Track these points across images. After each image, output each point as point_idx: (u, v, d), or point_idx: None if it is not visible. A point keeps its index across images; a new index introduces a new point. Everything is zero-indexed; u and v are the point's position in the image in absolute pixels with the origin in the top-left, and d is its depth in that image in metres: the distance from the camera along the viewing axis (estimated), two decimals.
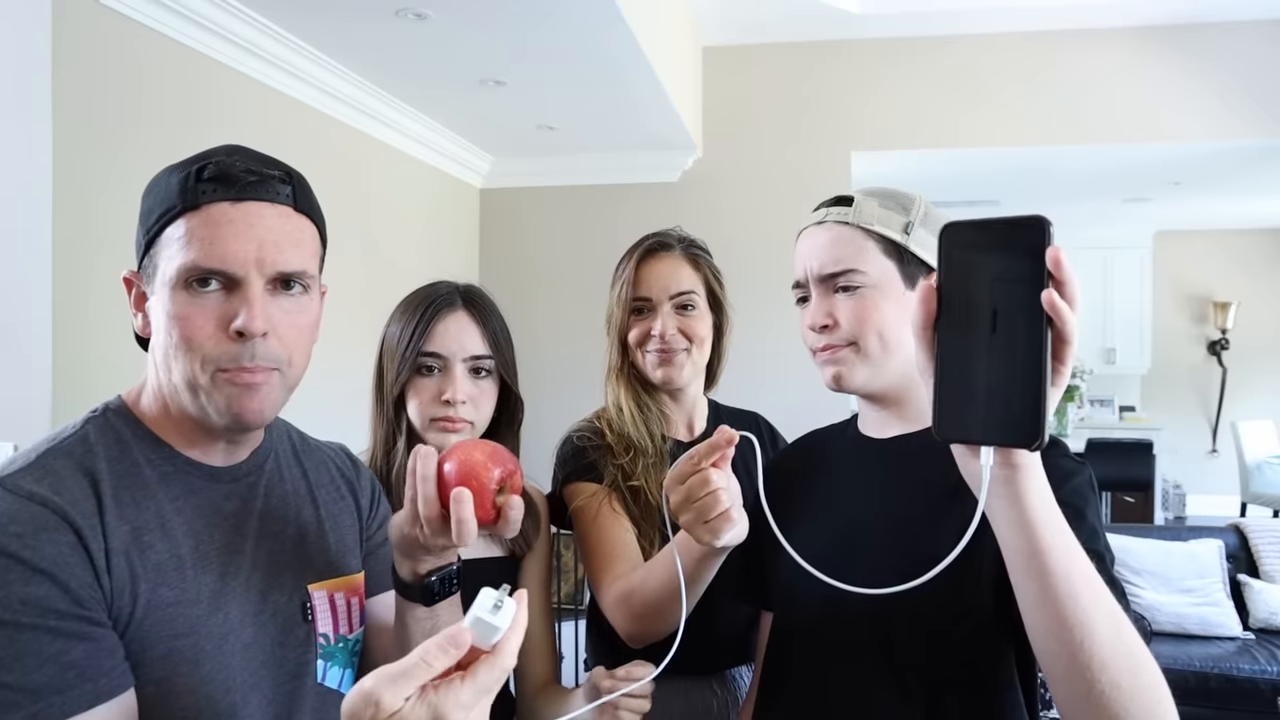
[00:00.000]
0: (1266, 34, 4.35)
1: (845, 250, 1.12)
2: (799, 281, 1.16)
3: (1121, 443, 6.40)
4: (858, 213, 1.13)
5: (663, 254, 1.60)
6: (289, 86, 3.20)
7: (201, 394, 0.88)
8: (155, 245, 0.89)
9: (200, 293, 0.87)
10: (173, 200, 0.88)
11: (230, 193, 0.88)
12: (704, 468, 0.98)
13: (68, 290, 2.22)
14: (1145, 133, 4.47)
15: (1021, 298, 0.64)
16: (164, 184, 0.90)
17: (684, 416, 1.65)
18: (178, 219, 0.87)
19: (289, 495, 1.02)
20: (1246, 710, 3.46)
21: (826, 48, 4.63)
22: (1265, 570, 3.98)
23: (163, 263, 0.88)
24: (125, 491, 0.87)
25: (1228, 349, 8.17)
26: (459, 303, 1.45)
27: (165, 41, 2.60)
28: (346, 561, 1.04)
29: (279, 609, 0.95)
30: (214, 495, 0.94)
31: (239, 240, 0.87)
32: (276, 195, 0.91)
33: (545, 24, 2.97)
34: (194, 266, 0.86)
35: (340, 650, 0.99)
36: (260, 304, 0.88)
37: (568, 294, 4.74)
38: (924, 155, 4.75)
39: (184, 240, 0.86)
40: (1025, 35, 4.48)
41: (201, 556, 0.90)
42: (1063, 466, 0.97)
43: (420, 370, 1.41)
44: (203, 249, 0.86)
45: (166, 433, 0.92)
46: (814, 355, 1.16)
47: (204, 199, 0.87)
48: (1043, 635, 0.77)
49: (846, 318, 1.11)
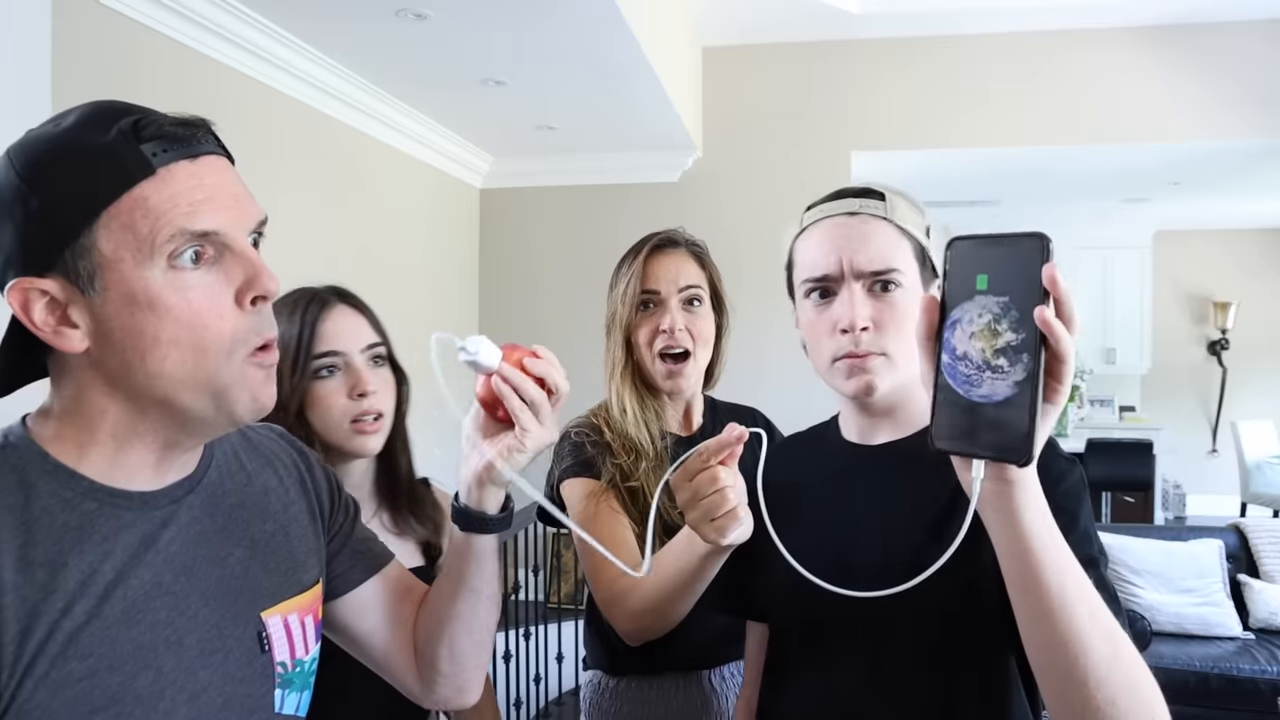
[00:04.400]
0: (1266, 34, 4.35)
1: (889, 248, 1.04)
2: (827, 274, 1.05)
3: (1121, 443, 6.40)
4: (893, 209, 1.06)
5: (670, 250, 1.61)
6: (289, 86, 3.21)
7: (222, 388, 0.76)
8: (93, 233, 0.72)
9: (192, 268, 0.74)
10: (113, 173, 0.72)
11: (184, 150, 0.75)
12: (712, 465, 0.95)
13: None
14: (1145, 133, 4.48)
15: (1018, 313, 0.65)
16: (79, 160, 0.73)
17: (682, 412, 1.65)
18: (126, 192, 0.72)
19: (235, 510, 0.88)
20: (1247, 710, 3.47)
21: (827, 48, 4.63)
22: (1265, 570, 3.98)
23: (120, 247, 0.72)
24: (33, 550, 0.72)
25: (1227, 349, 8.17)
26: (334, 299, 1.37)
27: (165, 41, 2.60)
28: (301, 575, 0.93)
29: (235, 644, 0.84)
30: (148, 526, 0.79)
31: (221, 196, 0.76)
32: (215, 146, 0.79)
33: (545, 24, 2.97)
34: (187, 233, 0.73)
35: (298, 675, 0.91)
36: (259, 258, 0.78)
37: (568, 294, 4.74)
38: (924, 155, 4.75)
39: (152, 213, 0.72)
40: (1025, 35, 4.48)
41: (129, 608, 0.76)
42: (1055, 466, 0.96)
43: (319, 374, 1.31)
44: (180, 214, 0.73)
45: (84, 462, 0.77)
46: (829, 361, 1.06)
47: (160, 161, 0.73)
48: (1038, 650, 0.76)
49: (888, 321, 1.03)
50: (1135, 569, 3.92)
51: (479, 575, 0.97)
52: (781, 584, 1.07)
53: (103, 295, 0.73)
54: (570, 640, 3.85)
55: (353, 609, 1.00)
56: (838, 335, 1.04)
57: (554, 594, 4.43)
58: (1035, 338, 0.64)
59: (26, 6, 2.20)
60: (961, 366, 0.67)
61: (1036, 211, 7.11)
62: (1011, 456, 0.68)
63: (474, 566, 0.96)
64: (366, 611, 1.01)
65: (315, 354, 1.31)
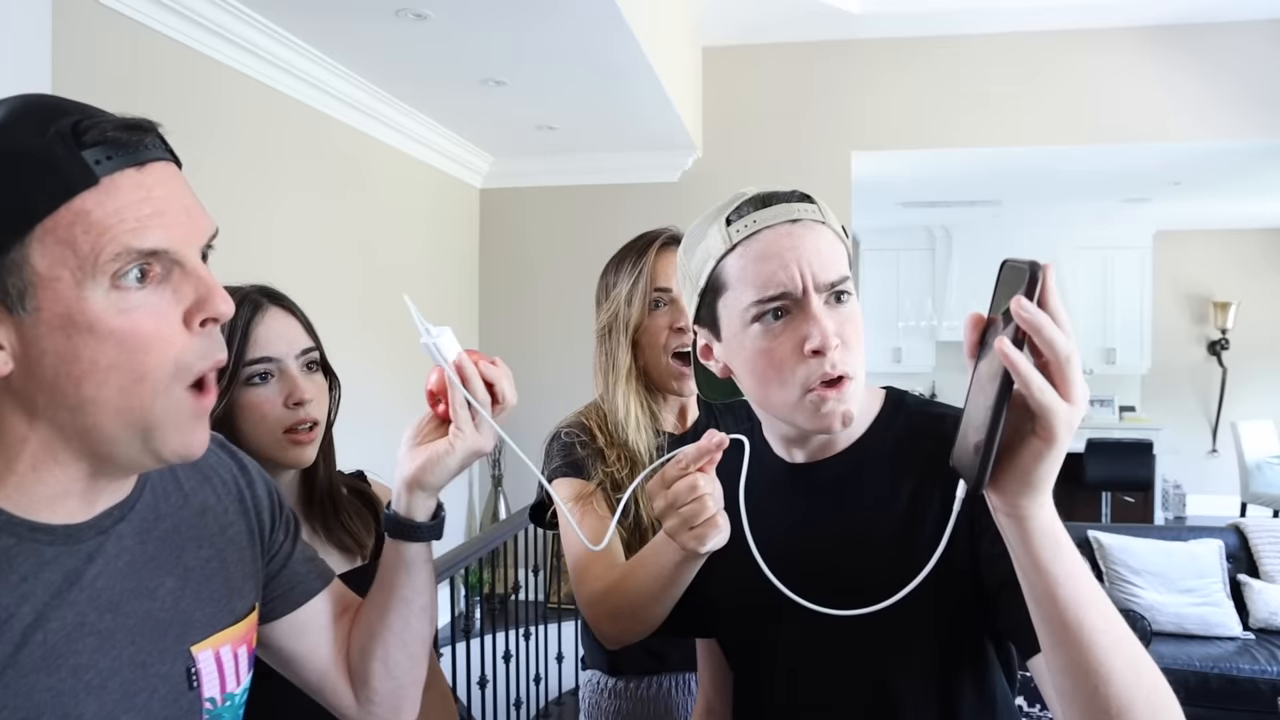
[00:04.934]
0: (1266, 34, 4.35)
1: (837, 255, 0.95)
2: (786, 291, 0.92)
3: (1121, 443, 6.40)
4: (825, 213, 0.98)
5: (675, 248, 1.55)
6: (289, 86, 3.21)
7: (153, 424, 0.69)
8: (24, 247, 0.64)
9: (138, 288, 0.67)
10: (50, 182, 0.64)
11: (129, 157, 0.67)
12: (690, 472, 0.92)
13: None
14: (1145, 132, 4.48)
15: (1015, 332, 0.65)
16: (12, 162, 0.65)
17: (677, 408, 1.63)
18: (65, 204, 0.64)
19: (169, 536, 0.81)
20: (1246, 710, 3.47)
21: (826, 48, 4.63)
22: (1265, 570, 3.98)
23: (57, 264, 0.64)
24: None
25: (1227, 349, 8.17)
26: (265, 302, 1.27)
27: (165, 41, 2.60)
28: (235, 604, 0.86)
29: (159, 682, 0.77)
30: (72, 562, 0.72)
31: (170, 210, 0.68)
32: (163, 151, 0.71)
33: (545, 24, 2.97)
34: (134, 251, 0.65)
35: (227, 710, 0.84)
36: (211, 276, 0.71)
37: (567, 294, 4.75)
38: (924, 155, 4.75)
39: (97, 227, 0.65)
40: (1025, 35, 4.49)
41: (48, 654, 0.69)
42: None
43: (250, 381, 1.23)
44: (129, 231, 0.65)
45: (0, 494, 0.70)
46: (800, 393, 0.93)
47: (104, 170, 0.65)
48: (1059, 675, 0.75)
49: (849, 335, 0.94)
50: (1135, 569, 3.92)
51: (409, 585, 0.94)
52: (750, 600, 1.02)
53: (34, 315, 0.65)
54: (570, 640, 3.85)
55: (290, 630, 0.95)
56: (808, 360, 0.91)
57: (554, 594, 4.43)
58: (1001, 366, 0.64)
59: (27, 6, 2.20)
60: (974, 388, 0.69)
61: (1037, 211, 7.12)
62: (969, 479, 0.69)
63: (404, 575, 0.94)
64: (304, 633, 0.96)
65: (247, 360, 1.22)
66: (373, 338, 3.69)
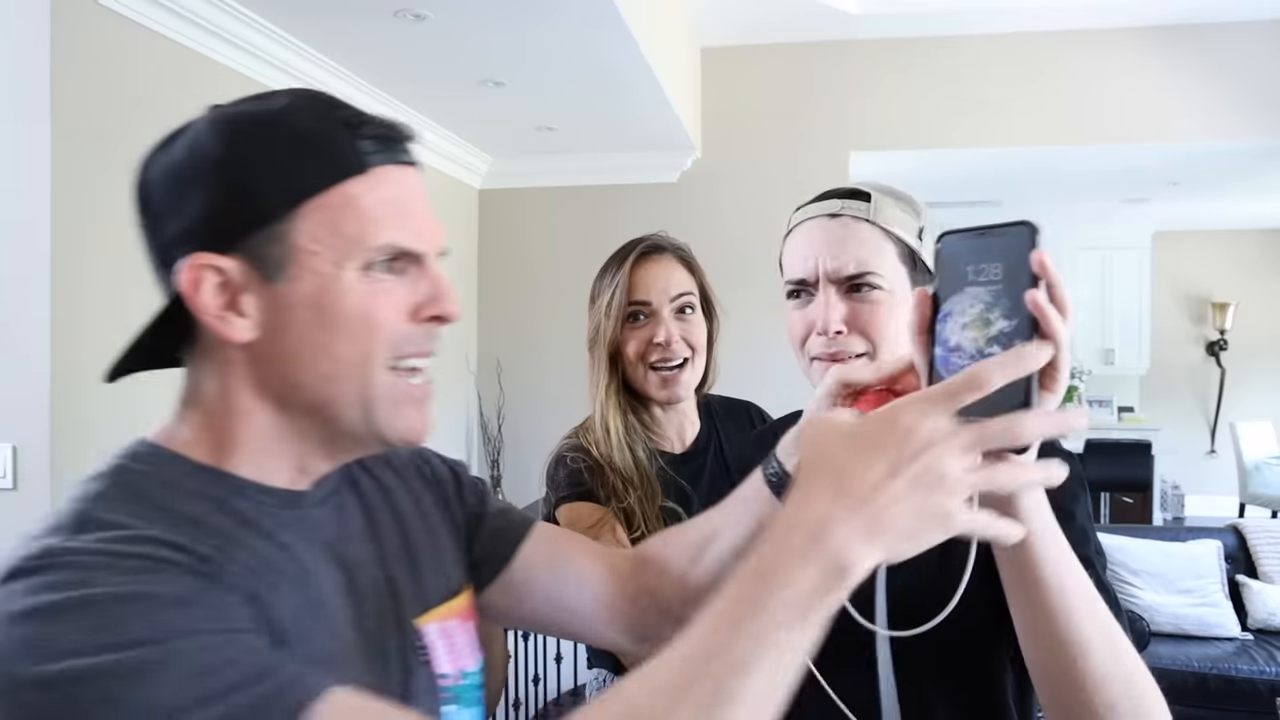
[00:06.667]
0: (1265, 34, 4.36)
1: (867, 251, 1.01)
2: (803, 279, 1.04)
3: (1120, 443, 6.40)
4: (877, 211, 1.03)
5: (657, 256, 1.53)
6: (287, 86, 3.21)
7: (373, 400, 0.70)
8: (293, 220, 0.67)
9: (381, 276, 0.69)
10: (325, 162, 0.68)
11: (393, 154, 0.72)
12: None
13: (66, 291, 2.22)
14: (1144, 133, 4.48)
15: (1009, 300, 0.64)
16: (290, 140, 0.69)
17: (674, 427, 1.59)
18: (337, 185, 0.68)
19: (375, 510, 0.82)
20: (1245, 711, 3.46)
21: (825, 48, 4.63)
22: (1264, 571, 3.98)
23: (319, 241, 0.67)
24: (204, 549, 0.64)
25: (1226, 349, 8.17)
26: None
27: (164, 42, 2.60)
28: (450, 578, 0.85)
29: (393, 657, 0.76)
30: (302, 527, 0.73)
31: (420, 212, 0.72)
32: (414, 159, 0.75)
33: (544, 25, 2.97)
34: (394, 247, 0.69)
35: (466, 688, 0.82)
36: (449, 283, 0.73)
37: (566, 295, 4.74)
38: (923, 156, 4.75)
39: (359, 214, 0.68)
40: (1024, 36, 4.48)
41: (311, 609, 0.69)
42: None
43: None
44: (391, 224, 0.69)
45: (232, 460, 0.71)
46: (808, 361, 1.04)
47: (373, 161, 0.70)
48: (1035, 649, 0.75)
49: (863, 325, 1.01)
50: (1134, 569, 3.92)
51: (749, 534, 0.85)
52: None
53: (288, 286, 0.68)
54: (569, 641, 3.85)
55: (515, 583, 0.90)
56: (815, 336, 1.03)
57: None
58: (1028, 322, 0.63)
59: (25, 7, 2.20)
60: (955, 358, 0.67)
61: (1037, 211, 7.10)
62: None
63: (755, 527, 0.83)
64: (529, 584, 0.91)
65: None
66: None
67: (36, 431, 2.16)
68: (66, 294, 2.22)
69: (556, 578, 0.91)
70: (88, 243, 2.29)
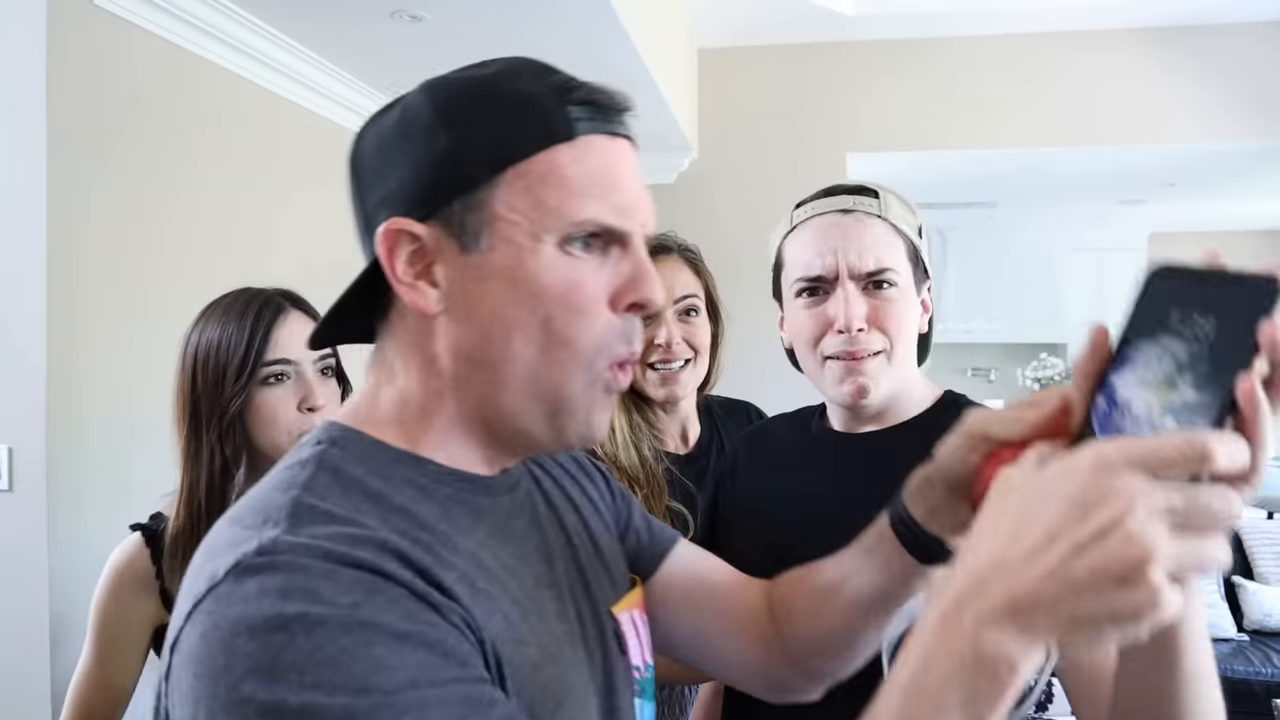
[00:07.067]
0: (1262, 36, 4.36)
1: (885, 248, 1.01)
2: (821, 275, 1.01)
3: None
4: (887, 207, 1.03)
5: (663, 257, 1.53)
6: (283, 88, 3.20)
7: (566, 398, 0.65)
8: (493, 188, 0.63)
9: (583, 254, 0.64)
10: (531, 127, 0.63)
11: (605, 123, 0.67)
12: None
13: (61, 292, 2.21)
14: (1140, 134, 4.48)
15: (1210, 370, 0.51)
16: (497, 104, 0.64)
17: (677, 427, 1.59)
18: (540, 152, 0.63)
19: (554, 497, 0.80)
20: (1241, 712, 3.47)
21: (822, 49, 4.64)
22: (1260, 572, 3.99)
23: (517, 210, 0.63)
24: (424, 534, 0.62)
25: None
26: (288, 305, 1.31)
27: (159, 43, 2.59)
28: (624, 571, 0.82)
29: (595, 648, 0.73)
30: (500, 514, 0.70)
31: (629, 188, 0.66)
32: (630, 131, 0.70)
33: (540, 26, 2.97)
34: (597, 224, 0.64)
35: (648, 682, 0.79)
36: (651, 266, 0.68)
37: None
38: (920, 157, 4.75)
39: (561, 185, 0.63)
40: (1020, 37, 4.49)
41: (529, 598, 0.67)
42: None
43: (266, 382, 1.25)
44: (595, 197, 0.64)
45: (425, 445, 0.68)
46: (820, 360, 1.02)
47: (581, 129, 0.65)
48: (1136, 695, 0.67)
49: (883, 322, 1.00)
50: None
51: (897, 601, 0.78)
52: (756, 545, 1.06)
53: (484, 255, 0.63)
54: None
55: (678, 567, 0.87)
56: (833, 335, 1.01)
57: None
58: (1222, 404, 0.49)
59: (20, 8, 2.20)
60: (1117, 416, 0.53)
61: (1032, 213, 7.13)
62: None
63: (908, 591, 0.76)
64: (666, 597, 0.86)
65: (266, 361, 1.25)
66: None
67: (32, 432, 2.15)
68: (62, 294, 2.21)
69: (694, 605, 0.86)
70: (84, 243, 2.28)
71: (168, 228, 2.57)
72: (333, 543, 0.56)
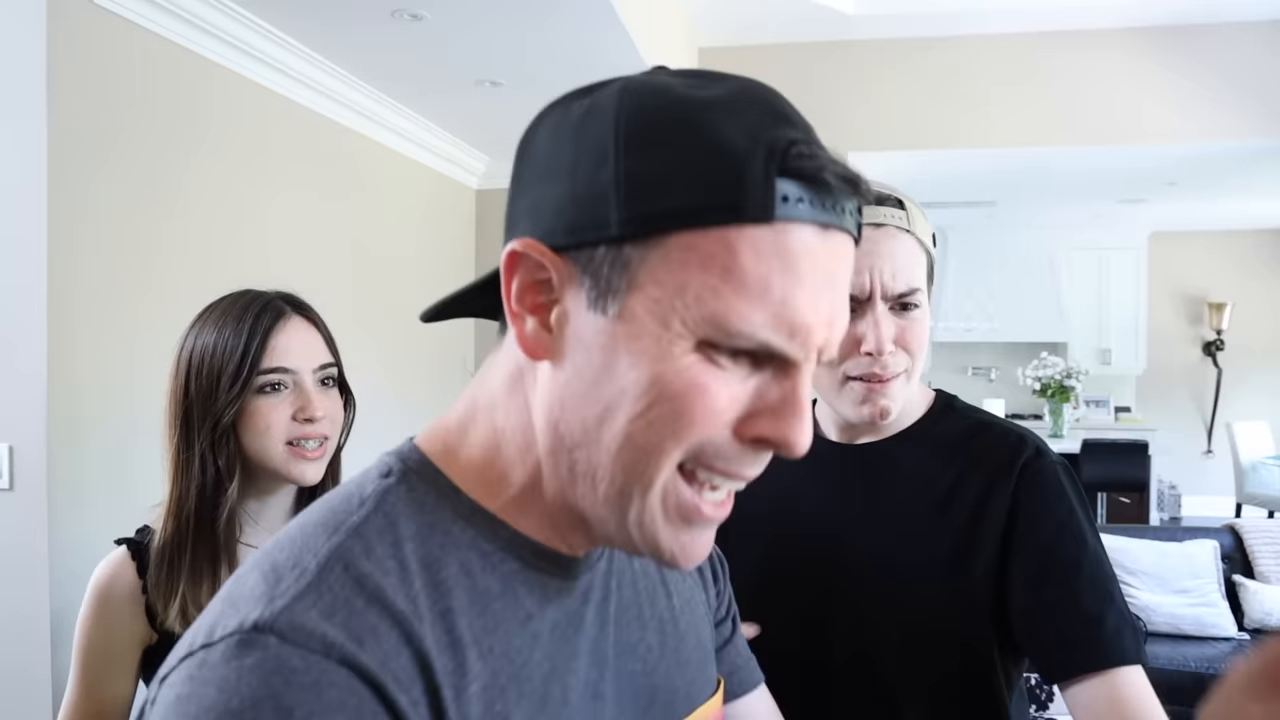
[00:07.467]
0: (1261, 35, 4.36)
1: (914, 267, 0.97)
2: (852, 295, 0.94)
3: (1117, 443, 6.41)
4: (913, 220, 0.99)
5: None
6: (284, 87, 3.20)
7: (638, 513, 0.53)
8: (649, 248, 0.49)
9: (725, 366, 0.50)
10: (722, 191, 0.48)
11: (820, 212, 0.50)
12: None
13: (62, 291, 2.21)
14: (1141, 134, 4.48)
15: None
16: (695, 145, 0.49)
17: None
18: (719, 228, 0.49)
19: (639, 580, 0.67)
20: None
21: (822, 48, 4.64)
22: (1260, 571, 3.99)
23: (659, 289, 0.49)
24: (460, 621, 0.52)
25: (1223, 350, 8.19)
26: (289, 310, 1.24)
27: (159, 41, 2.59)
28: (708, 673, 0.70)
29: None
30: (572, 602, 0.59)
31: (819, 313, 0.51)
32: (853, 226, 0.54)
33: (541, 25, 2.97)
34: (742, 333, 0.49)
35: None
36: (809, 405, 0.53)
37: None
38: (920, 156, 4.75)
39: (731, 278, 0.48)
40: (1021, 36, 4.49)
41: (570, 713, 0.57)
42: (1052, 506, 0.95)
43: (263, 390, 1.18)
44: (766, 307, 0.49)
45: (506, 509, 0.57)
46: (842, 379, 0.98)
47: (785, 213, 0.49)
48: None
49: (908, 343, 0.97)
50: (1130, 570, 3.92)
51: None
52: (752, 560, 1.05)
53: (610, 321, 0.50)
54: None
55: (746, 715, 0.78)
56: (859, 356, 0.96)
57: None
58: None
59: (21, 7, 2.20)
60: None
61: (1032, 212, 7.13)
62: None
63: None
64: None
65: (263, 369, 1.18)
66: (367, 338, 3.68)
67: (33, 431, 2.16)
68: (63, 294, 2.21)
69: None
70: (84, 243, 2.28)
71: (168, 227, 2.57)
72: (340, 633, 0.48)
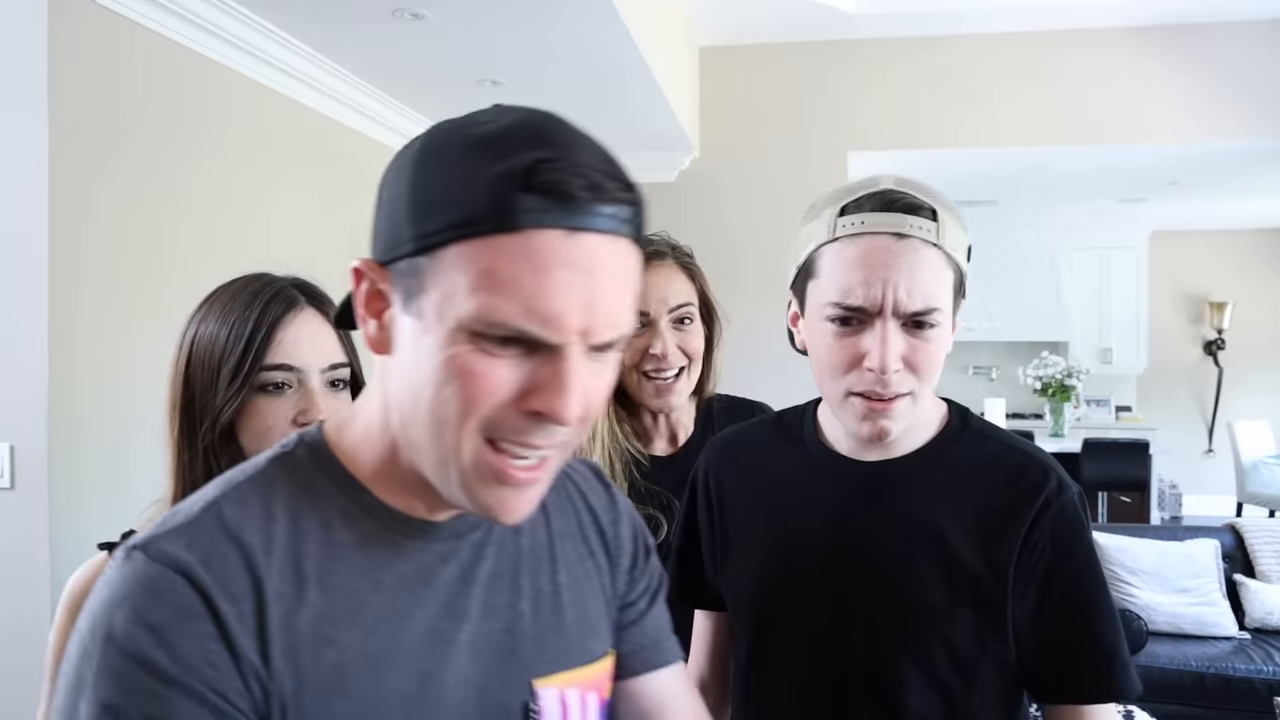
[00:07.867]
0: (1262, 34, 4.36)
1: (935, 284, 0.91)
2: (863, 307, 0.90)
3: (1117, 443, 6.40)
4: (944, 233, 0.92)
5: (657, 264, 1.49)
6: (285, 86, 3.20)
7: (457, 476, 0.64)
8: (433, 259, 0.60)
9: (494, 353, 0.60)
10: (477, 209, 0.59)
11: (565, 216, 0.59)
12: None
13: (63, 290, 2.21)
14: (1142, 133, 4.48)
15: None
16: (463, 173, 0.60)
17: (667, 430, 1.57)
18: (477, 239, 0.59)
19: (524, 554, 0.75)
20: (1242, 710, 3.47)
21: (823, 48, 4.64)
22: (1261, 570, 3.98)
23: (439, 291, 0.60)
24: (308, 562, 0.65)
25: (1223, 349, 8.18)
26: (301, 300, 1.11)
27: (161, 41, 2.59)
28: (587, 644, 0.77)
29: (495, 710, 0.71)
30: (426, 559, 0.69)
31: (563, 295, 0.59)
32: (616, 224, 0.62)
33: (542, 24, 2.97)
34: (500, 324, 0.59)
35: None
36: (579, 382, 0.61)
37: None
38: (921, 155, 4.75)
39: (487, 279, 0.59)
40: (1022, 35, 4.49)
41: (398, 649, 0.66)
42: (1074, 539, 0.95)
43: (265, 389, 1.07)
44: (518, 301, 0.59)
45: (373, 479, 0.69)
46: (844, 394, 0.94)
47: (527, 220, 0.58)
48: None
49: (917, 364, 0.92)
50: (1131, 569, 3.92)
51: None
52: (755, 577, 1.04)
53: (412, 321, 0.63)
54: None
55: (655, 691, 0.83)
56: (862, 371, 0.92)
57: None
58: None
59: (22, 6, 2.20)
60: None
61: (1033, 211, 7.12)
62: None
63: None
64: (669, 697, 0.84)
65: (266, 364, 1.06)
66: None
67: (34, 430, 2.16)
68: (64, 292, 2.21)
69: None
70: (85, 241, 2.28)
71: (169, 226, 2.57)
72: (190, 556, 0.61)
